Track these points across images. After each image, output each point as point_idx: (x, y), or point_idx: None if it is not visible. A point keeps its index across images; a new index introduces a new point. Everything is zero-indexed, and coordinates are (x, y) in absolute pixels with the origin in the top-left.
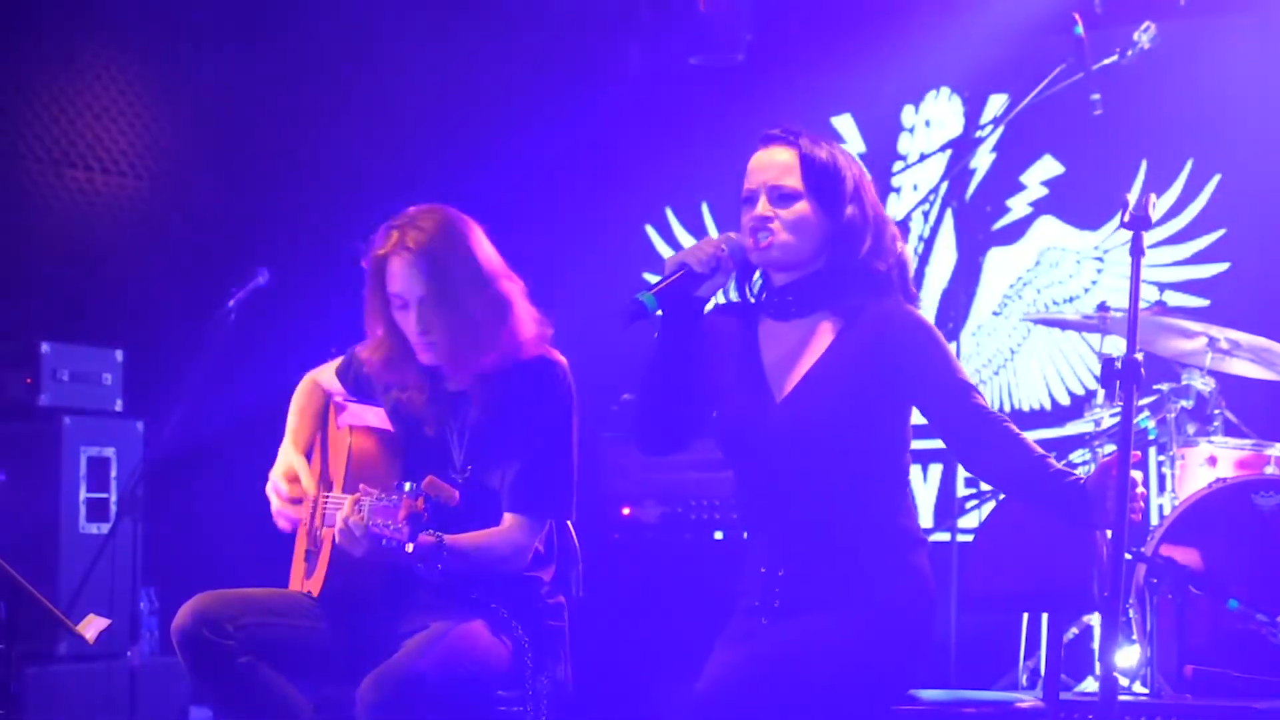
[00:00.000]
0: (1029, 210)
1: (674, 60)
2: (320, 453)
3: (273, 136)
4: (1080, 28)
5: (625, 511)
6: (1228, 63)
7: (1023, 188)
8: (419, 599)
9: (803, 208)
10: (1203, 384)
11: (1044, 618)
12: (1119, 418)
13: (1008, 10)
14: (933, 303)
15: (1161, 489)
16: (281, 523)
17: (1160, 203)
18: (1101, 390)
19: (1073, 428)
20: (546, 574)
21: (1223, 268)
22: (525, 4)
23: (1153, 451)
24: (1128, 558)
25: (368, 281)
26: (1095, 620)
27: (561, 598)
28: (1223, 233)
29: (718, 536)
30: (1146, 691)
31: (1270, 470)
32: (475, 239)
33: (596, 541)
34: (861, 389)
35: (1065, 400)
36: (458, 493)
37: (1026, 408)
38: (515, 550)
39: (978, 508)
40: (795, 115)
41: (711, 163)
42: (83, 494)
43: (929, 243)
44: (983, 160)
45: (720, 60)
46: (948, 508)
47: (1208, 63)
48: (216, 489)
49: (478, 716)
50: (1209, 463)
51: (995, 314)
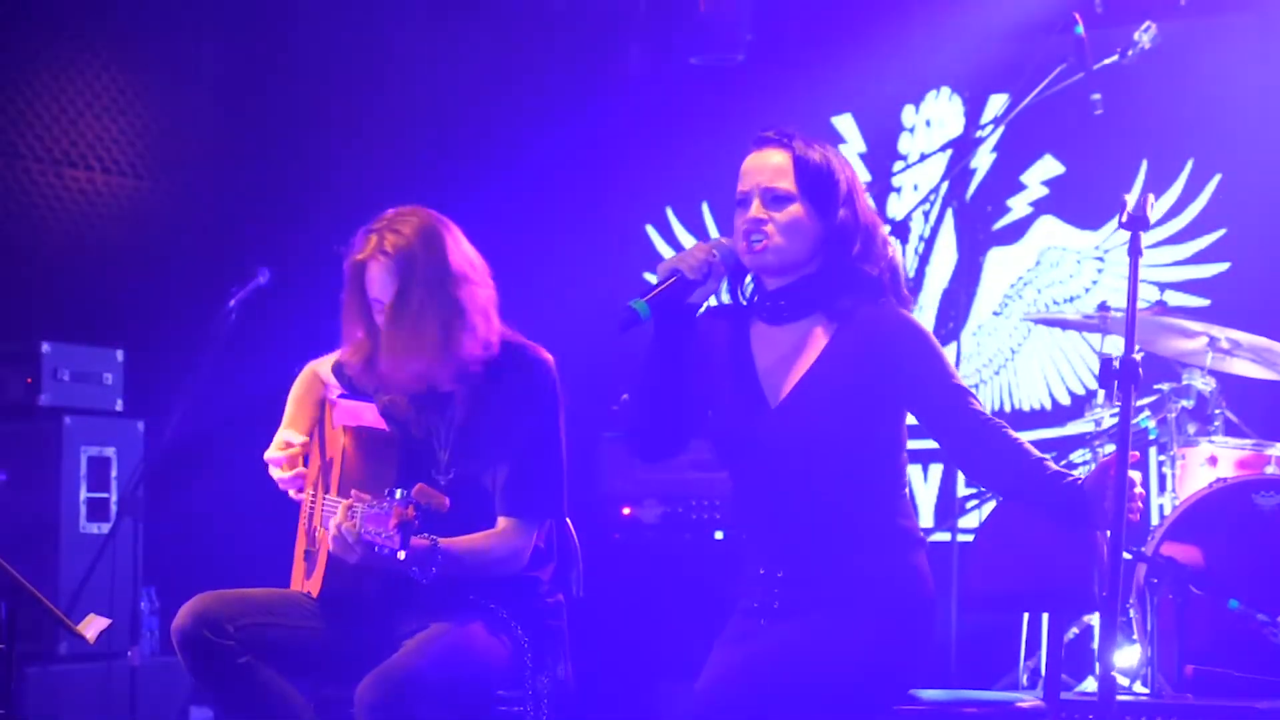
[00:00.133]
0: (1029, 210)
1: (674, 60)
2: (317, 453)
3: (272, 137)
4: (1081, 27)
5: (625, 511)
6: (1228, 63)
7: (1023, 187)
8: (418, 600)
9: (796, 210)
10: (1203, 384)
11: (1044, 618)
12: (1119, 417)
13: (1008, 10)
14: (933, 303)
15: (1162, 489)
16: (291, 491)
17: (1161, 203)
18: (1102, 390)
19: (1073, 427)
20: (545, 573)
21: (1223, 267)
22: (525, 4)
23: (1153, 451)
24: (1128, 557)
25: (346, 285)
26: (1096, 620)
27: (560, 596)
28: (1223, 232)
29: (718, 536)
30: (1147, 691)
31: (1271, 470)
32: (451, 243)
33: (596, 541)
34: (856, 394)
35: (1066, 400)
36: (448, 500)
37: (1027, 408)
38: (512, 553)
39: (978, 508)
40: (795, 115)
41: (711, 163)
42: (83, 494)
43: (929, 242)
44: (983, 160)
45: (720, 60)
46: (948, 508)
47: (1208, 63)
48: (217, 489)
49: (477, 716)
50: (1209, 462)
51: (996, 314)
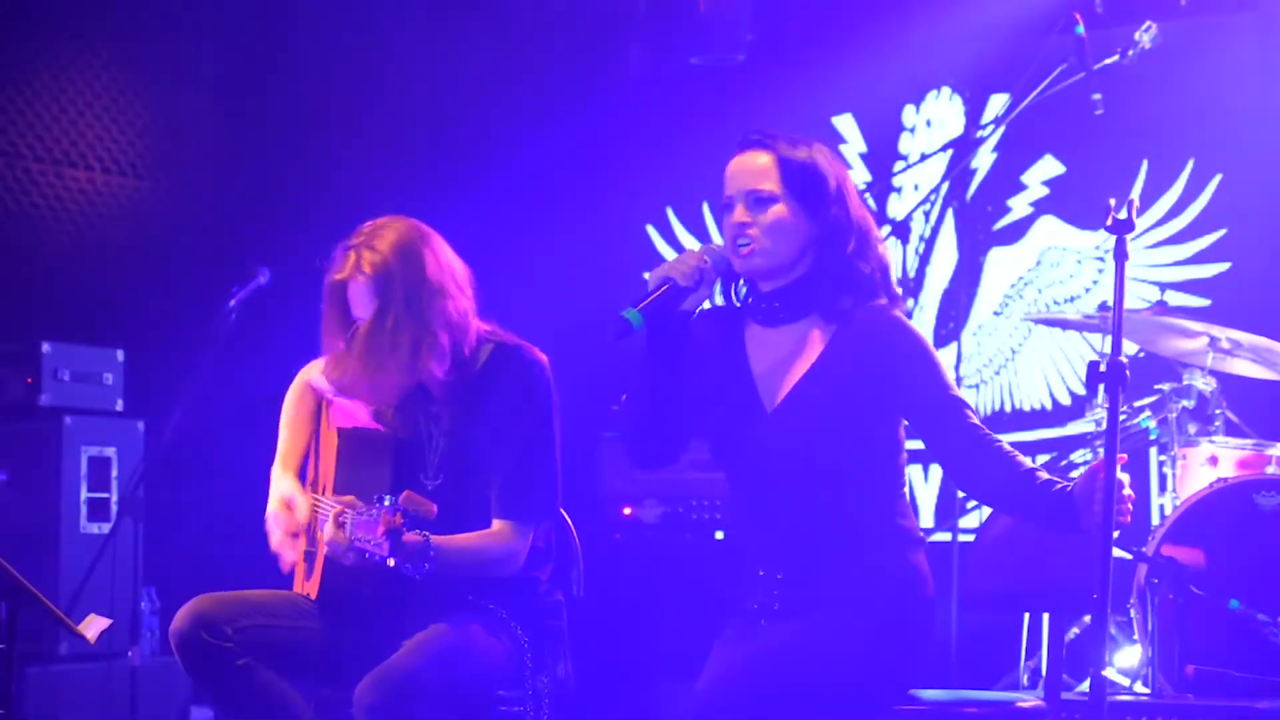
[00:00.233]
0: (1030, 210)
1: (674, 60)
2: (313, 455)
3: (272, 137)
4: (1081, 27)
5: (626, 511)
6: (1228, 63)
7: (1024, 187)
8: (417, 601)
9: (780, 211)
10: (1204, 384)
11: (1045, 618)
12: (1121, 417)
13: (1008, 10)
14: (934, 303)
15: (1163, 489)
16: (283, 557)
17: (1161, 203)
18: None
19: (1074, 427)
20: (544, 572)
21: (1224, 267)
22: (525, 4)
23: (1154, 451)
24: (1128, 557)
25: (325, 300)
26: (1108, 618)
27: (560, 595)
28: (1224, 233)
29: (718, 536)
30: (1148, 691)
31: (1271, 470)
32: (429, 256)
33: (596, 541)
34: (852, 398)
35: (1066, 400)
36: (435, 506)
37: (1027, 408)
38: (507, 554)
39: (978, 508)
40: (795, 115)
41: (712, 163)
42: (83, 494)
43: (930, 243)
44: (984, 160)
45: (720, 60)
46: (948, 508)
47: (1208, 63)
48: (217, 489)
49: (477, 716)
50: (1210, 462)
51: (996, 314)
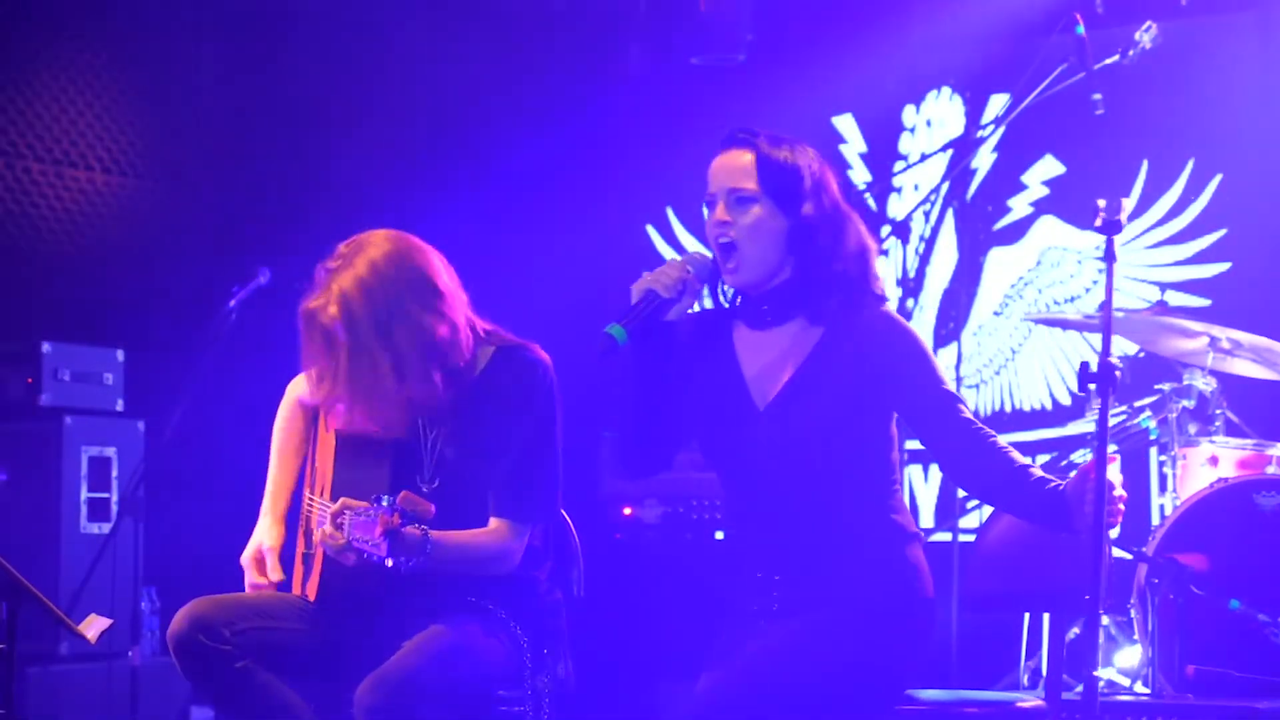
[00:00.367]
0: (1030, 210)
1: (674, 60)
2: (310, 456)
3: (273, 136)
4: (1082, 27)
5: (626, 511)
6: (1229, 63)
7: (1024, 187)
8: (416, 602)
9: (759, 211)
10: (1204, 384)
11: (1045, 618)
12: (1120, 417)
13: (1009, 10)
14: (934, 303)
15: (1163, 489)
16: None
17: (1161, 203)
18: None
19: (1074, 428)
20: (543, 572)
21: (1224, 267)
22: (525, 4)
23: (1154, 451)
24: (1128, 557)
25: (302, 323)
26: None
27: (560, 595)
28: (1224, 233)
29: (718, 536)
30: (1148, 691)
31: (1272, 470)
32: (405, 279)
33: (597, 541)
34: (844, 397)
35: (1066, 400)
36: (433, 507)
37: (1028, 408)
38: (502, 553)
39: (978, 508)
40: (795, 115)
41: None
42: (84, 494)
43: (930, 243)
44: (984, 160)
45: (721, 60)
46: (948, 508)
47: (1209, 63)
48: (217, 489)
49: (477, 717)
50: (1210, 462)
51: (996, 314)
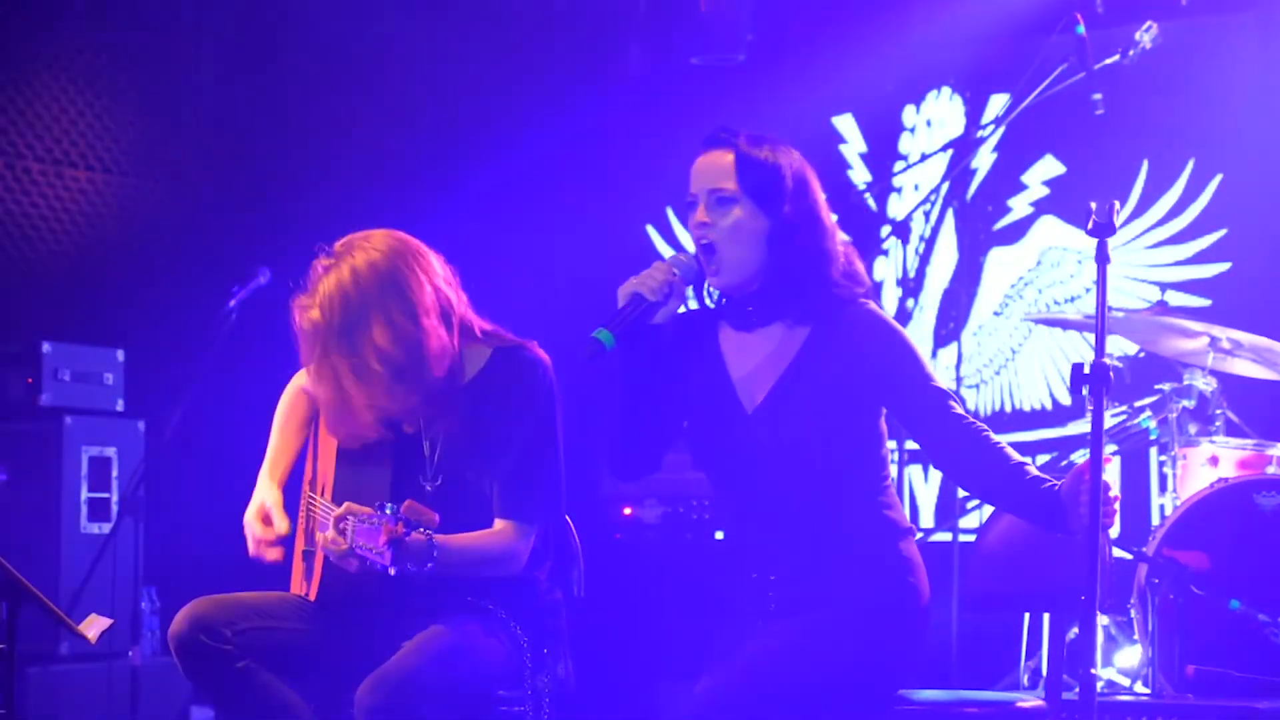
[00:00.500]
0: (1030, 210)
1: (674, 60)
2: (312, 456)
3: (273, 136)
4: (1082, 27)
5: (626, 511)
6: (1229, 63)
7: (1024, 187)
8: (416, 602)
9: (739, 212)
10: (1204, 384)
11: (1045, 618)
12: (1120, 417)
13: (1009, 10)
14: (934, 303)
15: (1163, 489)
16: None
17: (1161, 203)
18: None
19: (1074, 428)
20: (543, 572)
21: (1224, 267)
22: (526, 4)
23: (1154, 451)
24: (1129, 558)
25: (295, 326)
26: (1097, 620)
27: (560, 595)
28: (1224, 233)
29: (718, 536)
30: (1148, 691)
31: (1272, 470)
32: (381, 291)
33: (597, 541)
34: (832, 396)
35: (1066, 400)
36: (437, 516)
37: (1028, 408)
38: (508, 555)
39: (978, 508)
40: (795, 115)
41: None
42: (84, 494)
43: (930, 243)
44: (984, 160)
45: (721, 60)
46: (948, 508)
47: (1209, 63)
48: (217, 489)
49: (477, 717)
50: (1211, 463)
51: (996, 314)
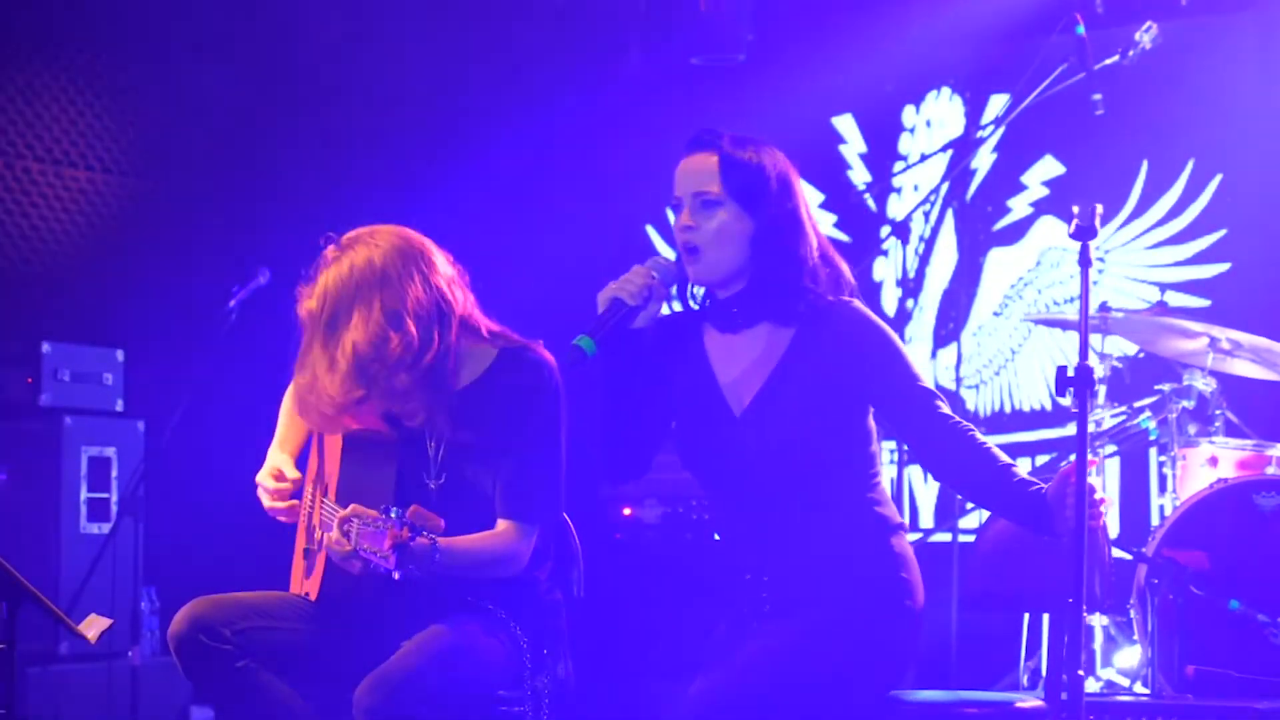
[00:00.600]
0: (1030, 210)
1: (674, 60)
2: (316, 454)
3: (273, 136)
4: (1082, 28)
5: (626, 511)
6: (1229, 63)
7: (1024, 188)
8: (416, 602)
9: (724, 215)
10: (1204, 384)
11: (1045, 618)
12: (1120, 417)
13: (1009, 10)
14: (933, 303)
15: (1163, 489)
16: (280, 516)
17: (1161, 203)
18: (1102, 389)
19: (1074, 428)
20: (543, 572)
21: (1224, 268)
22: (526, 4)
23: (1153, 452)
24: (1128, 558)
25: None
26: (1097, 620)
27: (559, 595)
28: (1224, 233)
29: (718, 537)
30: (1148, 692)
31: (1271, 471)
32: (368, 288)
33: (597, 541)
34: (819, 396)
35: (1066, 400)
36: (443, 521)
37: (1027, 408)
38: (510, 555)
39: (978, 509)
40: (795, 115)
41: None
42: (84, 494)
43: (930, 243)
44: (984, 160)
45: (721, 60)
46: (948, 508)
47: (1209, 63)
48: (217, 489)
49: (477, 717)
50: (1210, 463)
51: (996, 314)
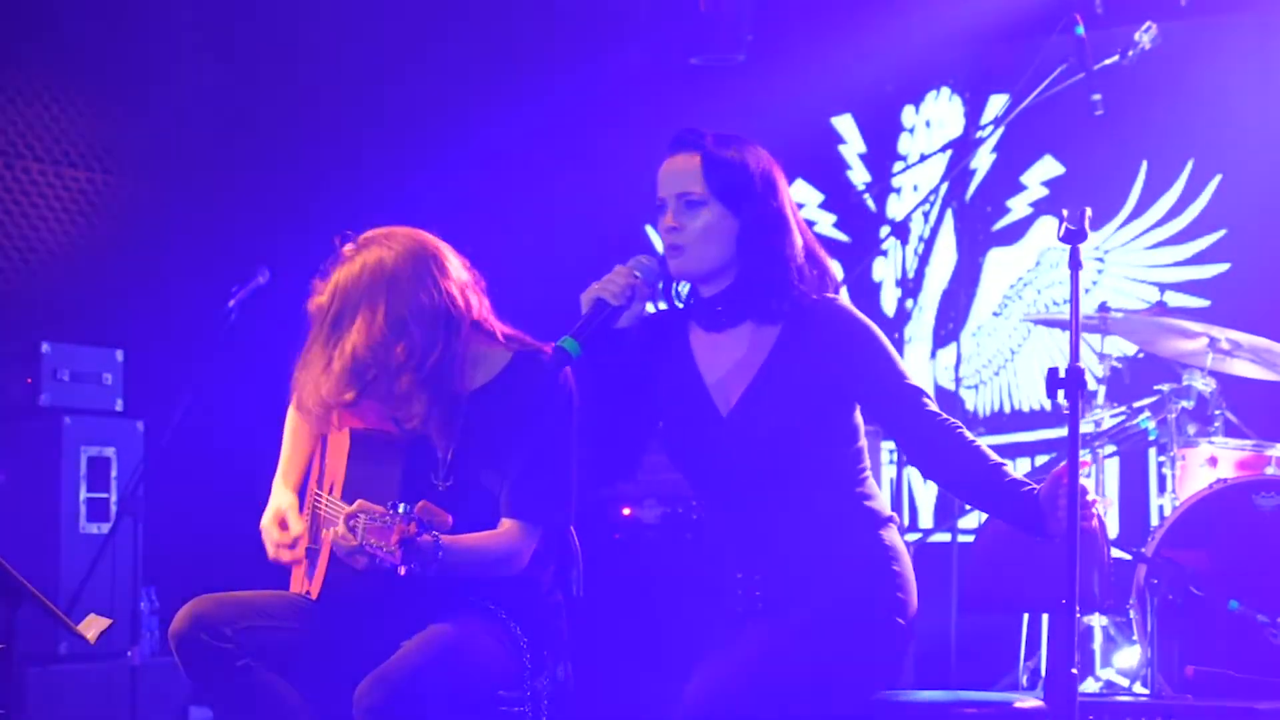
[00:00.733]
0: (1029, 211)
1: (674, 60)
2: (320, 451)
3: (272, 136)
4: (1082, 28)
5: (625, 511)
6: (1228, 63)
7: (1023, 188)
8: (417, 601)
9: (708, 214)
10: (1203, 384)
11: (1044, 618)
12: (1119, 417)
13: (1008, 10)
14: (933, 303)
15: (1162, 489)
16: (284, 558)
17: (1161, 203)
18: (1102, 389)
19: None
20: (545, 574)
21: (1223, 268)
22: (526, 4)
23: (1153, 452)
24: (1128, 558)
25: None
26: (1097, 621)
27: (560, 596)
28: (1223, 233)
29: (690, 536)
30: (1148, 692)
31: (1271, 471)
32: (376, 292)
33: (596, 541)
34: (806, 394)
35: (1059, 401)
36: (450, 518)
37: (1027, 408)
38: (512, 554)
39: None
40: (796, 115)
41: None
42: (83, 494)
43: (929, 243)
44: (983, 160)
45: (721, 60)
46: (948, 508)
47: (1208, 63)
48: (217, 489)
49: (477, 717)
50: (1210, 463)
51: (995, 314)
